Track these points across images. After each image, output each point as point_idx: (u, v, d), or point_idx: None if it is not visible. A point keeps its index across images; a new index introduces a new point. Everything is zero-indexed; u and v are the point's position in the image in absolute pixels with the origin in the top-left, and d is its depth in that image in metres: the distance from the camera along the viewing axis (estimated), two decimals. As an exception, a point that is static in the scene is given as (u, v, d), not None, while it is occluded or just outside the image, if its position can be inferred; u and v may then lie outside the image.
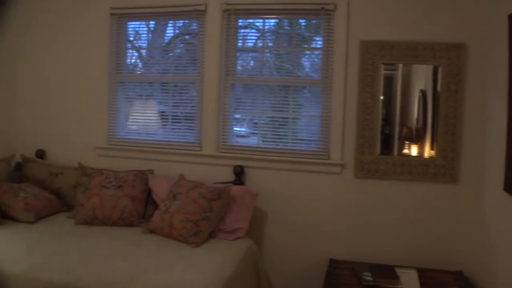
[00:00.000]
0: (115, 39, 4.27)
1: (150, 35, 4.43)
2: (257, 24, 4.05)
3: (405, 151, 3.64)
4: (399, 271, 3.26)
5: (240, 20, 3.99)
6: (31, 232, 3.48)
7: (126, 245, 3.24)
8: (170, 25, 4.35)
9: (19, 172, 4.39)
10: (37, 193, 3.93)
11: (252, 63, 4.14)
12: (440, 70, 3.50)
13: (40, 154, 4.52)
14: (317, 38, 3.94)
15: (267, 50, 4.03)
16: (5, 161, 4.27)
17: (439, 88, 3.51)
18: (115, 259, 2.98)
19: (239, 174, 3.85)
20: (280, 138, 3.93)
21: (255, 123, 4.08)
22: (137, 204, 3.72)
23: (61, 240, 3.30)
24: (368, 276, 3.18)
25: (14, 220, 3.68)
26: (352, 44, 3.65)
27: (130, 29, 4.37)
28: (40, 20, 4.54)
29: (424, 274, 3.30)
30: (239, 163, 3.88)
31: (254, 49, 4.09)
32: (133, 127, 4.38)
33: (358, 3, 3.64)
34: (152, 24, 4.38)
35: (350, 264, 3.47)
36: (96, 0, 4.27)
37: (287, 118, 3.92)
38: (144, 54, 4.48)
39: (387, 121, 3.66)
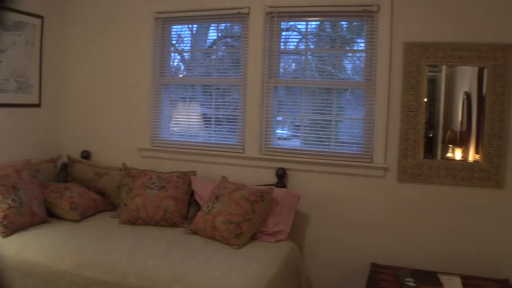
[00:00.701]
0: (159, 42, 4.34)
1: (192, 38, 4.47)
2: (299, 26, 4.04)
3: (449, 155, 3.57)
4: (442, 277, 3.19)
5: (283, 23, 3.98)
6: (76, 231, 3.58)
7: (168, 245, 3.29)
8: (212, 28, 4.39)
9: (65, 172, 4.53)
10: (82, 192, 4.04)
11: (293, 65, 4.13)
12: (485, 71, 3.41)
13: (86, 155, 4.64)
14: (359, 40, 3.90)
15: (309, 53, 4.01)
16: (52, 162, 4.39)
17: (484, 91, 3.42)
18: (158, 258, 3.02)
19: (281, 177, 3.85)
20: (321, 141, 3.91)
21: (297, 125, 4.07)
22: (179, 205, 3.77)
23: (105, 239, 3.38)
24: (410, 282, 3.14)
25: (60, 218, 3.79)
26: (395, 46, 3.60)
27: (173, 33, 4.42)
28: (88, 25, 4.66)
29: (468, 282, 3.22)
30: (282, 165, 3.88)
31: (296, 52, 4.08)
32: (176, 129, 4.44)
33: (402, 4, 3.58)
34: (194, 27, 4.42)
35: (392, 269, 3.42)
36: (141, 5, 4.35)
37: (329, 120, 3.89)
38: (186, 57, 4.52)
39: (430, 124, 3.60)
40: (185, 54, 4.53)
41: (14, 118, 4.23)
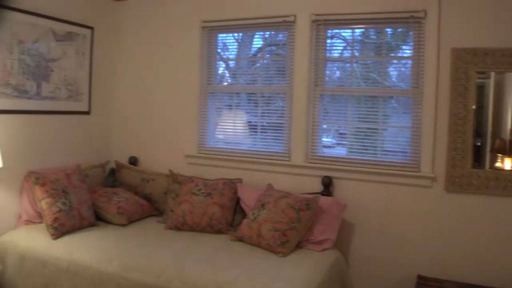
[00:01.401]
0: (206, 51, 4.42)
1: (237, 46, 4.52)
2: (344, 34, 4.02)
3: (498, 164, 3.46)
4: (491, 291, 3.10)
5: (328, 30, 3.97)
6: (123, 235, 3.66)
7: (214, 251, 3.31)
8: (257, 36, 4.42)
9: (113, 177, 4.64)
10: (130, 197, 4.12)
11: (338, 73, 4.12)
12: (536, 78, 3.30)
13: (133, 161, 4.74)
14: (405, 47, 3.84)
15: (354, 60, 3.98)
16: (101, 167, 4.51)
17: (536, 98, 3.32)
18: (204, 265, 3.05)
19: (327, 185, 3.83)
20: (366, 149, 3.87)
21: (341, 133, 4.05)
22: (225, 212, 3.80)
23: (152, 244, 3.44)
24: (458, 295, 3.06)
25: (108, 222, 3.90)
26: (443, 52, 3.53)
27: (219, 41, 4.49)
28: (135, 35, 4.80)
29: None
30: (327, 173, 3.86)
31: (342, 59, 4.06)
32: (222, 136, 4.48)
33: (449, 9, 3.51)
34: (239, 35, 4.47)
35: (439, 282, 3.35)
36: (188, 14, 4.44)
37: (374, 129, 3.85)
38: (231, 65, 4.57)
39: (478, 132, 3.50)
40: (230, 62, 4.57)
41: (65, 125, 4.37)
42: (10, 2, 2.52)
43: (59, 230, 3.50)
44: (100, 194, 4.07)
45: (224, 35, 4.49)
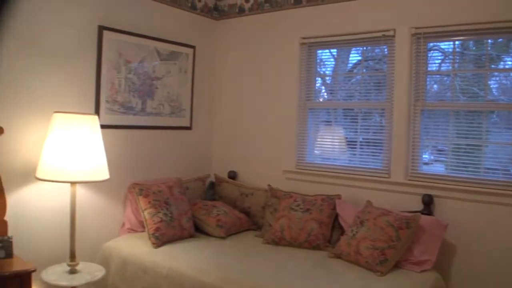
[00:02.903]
0: (305, 67, 4.43)
1: (334, 61, 4.48)
2: (442, 46, 3.84)
3: None
4: None
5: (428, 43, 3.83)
6: (222, 247, 3.72)
7: (312, 267, 3.27)
8: (353, 51, 4.36)
9: (213, 190, 4.76)
10: (228, 211, 4.19)
11: (435, 87, 3.94)
12: None
13: (232, 175, 4.82)
14: (507, 58, 3.59)
15: (455, 73, 3.78)
16: (201, 180, 4.65)
17: None
18: (302, 280, 3.02)
19: (428, 203, 3.66)
20: (466, 167, 3.64)
21: (440, 150, 3.87)
22: (323, 228, 3.74)
23: (250, 257, 3.46)
24: None
25: (207, 234, 3.99)
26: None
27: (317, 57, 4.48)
28: (235, 52, 4.92)
29: None
30: (428, 191, 3.68)
31: (443, 73, 3.88)
32: (319, 151, 4.45)
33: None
34: (335, 50, 4.44)
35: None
36: (287, 31, 4.48)
37: (475, 145, 3.62)
38: (328, 80, 4.52)
39: None
40: (327, 77, 4.53)
41: (167, 140, 4.55)
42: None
43: (160, 239, 3.63)
44: (200, 206, 4.17)
45: (322, 51, 4.47)
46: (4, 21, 2.59)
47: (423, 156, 3.92)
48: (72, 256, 3.30)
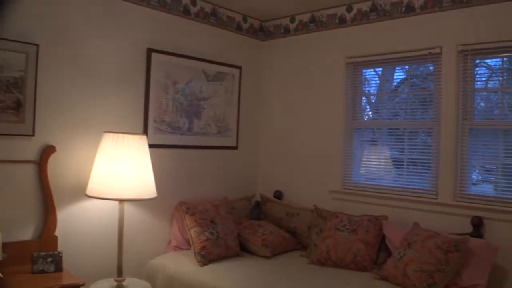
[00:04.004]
0: (350, 86, 4.41)
1: (379, 80, 4.45)
2: (489, 63, 3.75)
3: None
4: None
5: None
6: (267, 267, 3.70)
7: (358, 290, 3.22)
8: (398, 69, 4.32)
9: (258, 210, 4.77)
10: (274, 230, 4.19)
11: (482, 104, 3.84)
12: None
13: (278, 194, 4.82)
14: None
15: (504, 90, 3.67)
16: (247, 200, 4.69)
17: None
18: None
19: (477, 226, 3.53)
20: (514, 187, 3.51)
21: (487, 169, 3.74)
22: (370, 249, 3.68)
23: (295, 278, 3.43)
24: None
25: (252, 253, 4.00)
26: None
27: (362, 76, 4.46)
28: (281, 72, 4.96)
29: None
30: (477, 213, 3.56)
31: (491, 90, 3.77)
32: (364, 171, 4.40)
33: None
34: (379, 69, 4.41)
35: None
36: (333, 50, 4.49)
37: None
38: (372, 99, 4.49)
39: None
40: (372, 96, 4.50)
41: (214, 159, 4.62)
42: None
43: (206, 258, 3.67)
44: (246, 225, 4.19)
45: (367, 70, 4.45)
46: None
47: (471, 175, 3.82)
48: (119, 272, 3.38)
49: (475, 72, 3.75)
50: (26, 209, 3.27)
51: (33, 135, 3.27)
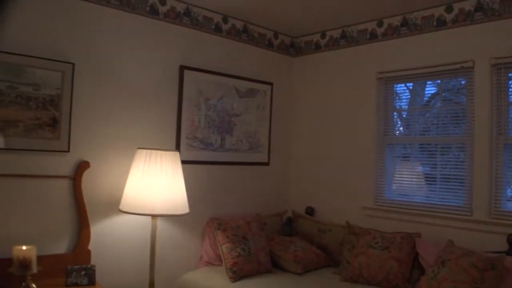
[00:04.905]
0: (382, 102, 4.38)
1: (409, 95, 4.41)
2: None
3: None
4: None
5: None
6: (299, 283, 3.68)
7: (392, 308, 3.16)
8: (428, 83, 4.27)
9: (290, 226, 4.76)
10: (306, 247, 4.17)
11: None
12: None
13: (310, 211, 4.80)
14: None
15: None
16: (278, 216, 4.68)
17: None
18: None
19: (514, 243, 3.42)
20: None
21: None
22: (403, 267, 3.61)
23: (328, 296, 3.39)
24: None
25: (284, 270, 3.98)
26: None
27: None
28: (312, 88, 4.98)
29: None
30: (513, 231, 3.47)
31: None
32: (395, 187, 4.34)
33: None
34: (410, 84, 4.37)
35: None
36: (364, 65, 4.48)
37: None
38: (404, 114, 4.44)
39: None
40: (403, 111, 4.46)
41: (246, 175, 4.64)
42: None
43: (237, 274, 3.67)
44: (278, 242, 4.18)
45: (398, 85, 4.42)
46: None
47: (506, 192, 3.72)
48: (151, 286, 3.42)
49: (509, 86, 3.68)
50: (60, 223, 3.36)
51: (68, 151, 3.37)
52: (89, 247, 3.41)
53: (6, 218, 3.11)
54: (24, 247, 2.83)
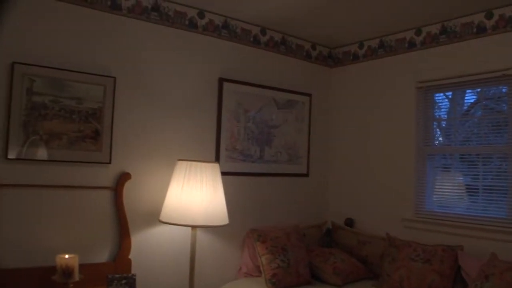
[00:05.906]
0: (422, 111, 4.31)
1: (448, 104, 4.32)
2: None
3: None
4: None
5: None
6: (339, 295, 3.65)
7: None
8: (468, 92, 4.18)
9: (329, 237, 4.73)
10: (345, 258, 4.13)
11: None
12: None
13: (349, 222, 4.76)
14: None
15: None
16: (318, 227, 4.67)
17: None
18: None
19: (561, 257, 3.29)
20: None
21: None
22: (445, 281, 3.53)
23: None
24: None
25: (323, 281, 3.97)
26: None
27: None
28: (350, 99, 4.96)
29: None
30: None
31: None
32: (439, 199, 4.25)
33: None
34: (449, 93, 4.28)
35: None
36: (403, 75, 4.43)
37: None
38: (443, 124, 4.36)
39: None
40: (442, 121, 4.37)
41: (285, 186, 4.65)
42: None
43: (277, 285, 3.68)
44: (317, 253, 4.17)
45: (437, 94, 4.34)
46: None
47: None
48: (191, 296, 3.46)
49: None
50: (102, 232, 3.45)
51: (109, 163, 3.46)
52: (129, 257, 3.49)
53: (50, 227, 3.22)
54: (67, 256, 2.94)
